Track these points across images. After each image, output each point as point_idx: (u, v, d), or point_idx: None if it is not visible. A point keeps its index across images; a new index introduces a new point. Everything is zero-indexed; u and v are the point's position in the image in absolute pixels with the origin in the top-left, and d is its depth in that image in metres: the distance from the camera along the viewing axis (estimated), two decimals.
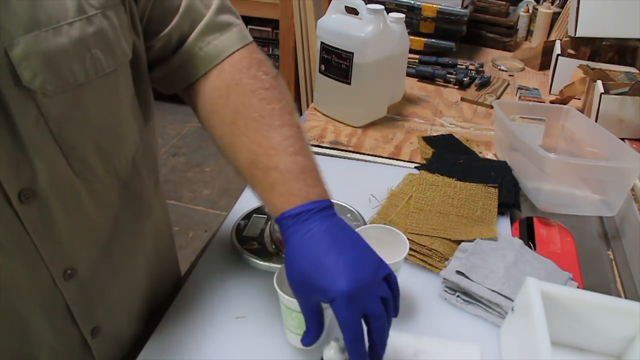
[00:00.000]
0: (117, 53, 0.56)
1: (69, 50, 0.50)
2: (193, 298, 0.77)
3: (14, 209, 0.50)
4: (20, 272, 0.54)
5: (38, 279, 0.55)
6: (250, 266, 0.81)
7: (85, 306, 0.61)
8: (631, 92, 1.19)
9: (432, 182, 0.99)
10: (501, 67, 1.65)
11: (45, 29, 0.48)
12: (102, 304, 0.64)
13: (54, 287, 0.57)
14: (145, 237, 0.71)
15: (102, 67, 0.54)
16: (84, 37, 0.51)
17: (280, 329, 0.71)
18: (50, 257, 0.55)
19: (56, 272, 0.56)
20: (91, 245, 0.60)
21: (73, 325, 0.61)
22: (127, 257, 0.67)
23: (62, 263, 0.57)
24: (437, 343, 0.70)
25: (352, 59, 1.15)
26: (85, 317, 0.62)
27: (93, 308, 0.63)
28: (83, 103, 0.53)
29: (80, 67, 0.51)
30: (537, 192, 0.97)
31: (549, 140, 1.14)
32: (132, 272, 0.69)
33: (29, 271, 0.54)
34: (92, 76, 0.53)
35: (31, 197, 0.51)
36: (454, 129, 1.27)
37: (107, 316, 0.65)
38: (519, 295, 0.70)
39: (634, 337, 0.68)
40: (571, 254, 0.90)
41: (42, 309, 0.57)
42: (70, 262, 0.58)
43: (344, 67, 1.17)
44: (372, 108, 1.26)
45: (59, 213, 0.55)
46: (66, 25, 0.50)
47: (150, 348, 0.69)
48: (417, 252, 0.84)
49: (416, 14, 1.61)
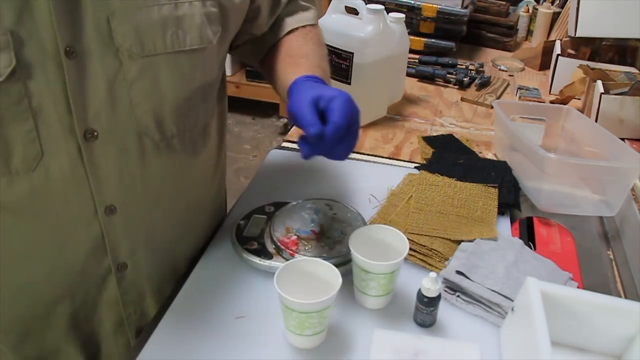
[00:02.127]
0: (197, 36, 0.66)
1: (155, 25, 0.63)
2: (193, 298, 0.77)
3: (79, 145, 0.62)
4: (71, 200, 0.65)
5: (84, 209, 0.67)
6: (250, 266, 0.81)
7: (117, 242, 0.72)
8: (631, 92, 1.19)
9: (432, 182, 0.99)
10: (501, 67, 1.65)
11: (139, 7, 0.61)
12: (131, 244, 0.73)
13: (95, 218, 0.68)
14: (190, 201, 0.80)
15: (179, 44, 0.65)
16: (168, 18, 0.63)
17: (281, 329, 0.71)
18: (98, 192, 0.66)
19: (100, 206, 0.67)
20: (135, 192, 0.70)
21: (105, 256, 0.72)
22: (165, 213, 0.76)
23: (106, 199, 0.68)
24: (437, 343, 0.70)
25: (352, 59, 1.15)
26: (116, 252, 0.72)
27: (123, 246, 0.73)
28: (156, 71, 0.64)
29: (161, 40, 0.63)
30: (537, 192, 0.97)
31: (549, 140, 1.14)
32: (167, 228, 0.77)
33: (79, 200, 0.66)
34: (170, 49, 0.64)
35: (94, 138, 0.63)
36: (454, 129, 1.27)
37: (133, 259, 0.75)
38: (519, 295, 0.70)
39: (634, 337, 0.68)
40: (571, 254, 0.90)
41: (82, 236, 0.69)
42: (112, 200, 0.68)
43: (344, 67, 1.17)
44: (372, 108, 1.26)
45: (115, 157, 0.66)
46: (157, 7, 0.63)
47: (151, 348, 0.69)
48: (417, 252, 0.84)
49: (416, 14, 1.61)
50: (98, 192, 0.67)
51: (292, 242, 0.81)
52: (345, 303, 0.75)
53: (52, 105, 0.59)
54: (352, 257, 0.74)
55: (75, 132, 0.62)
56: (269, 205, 0.91)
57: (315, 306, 0.65)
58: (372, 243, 0.76)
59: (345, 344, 0.71)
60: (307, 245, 0.81)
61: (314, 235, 0.83)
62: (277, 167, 1.07)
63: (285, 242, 0.81)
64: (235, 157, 2.85)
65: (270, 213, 0.89)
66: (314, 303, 0.65)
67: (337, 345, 0.71)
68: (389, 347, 0.69)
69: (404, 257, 0.72)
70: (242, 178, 2.66)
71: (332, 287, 0.67)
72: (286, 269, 0.69)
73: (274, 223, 0.85)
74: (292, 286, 0.66)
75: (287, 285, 0.66)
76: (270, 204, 0.91)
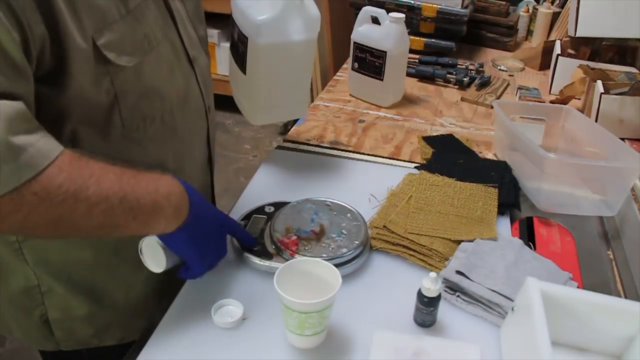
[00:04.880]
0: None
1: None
2: (193, 298, 0.77)
3: (192, 66, 0.82)
4: (194, 107, 0.84)
5: (199, 111, 0.85)
6: (250, 266, 0.81)
7: (213, 136, 0.93)
8: (631, 92, 1.19)
9: (432, 182, 0.99)
10: (501, 67, 1.64)
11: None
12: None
13: (205, 117, 0.87)
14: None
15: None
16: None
17: (281, 329, 0.71)
18: (207, 97, 0.87)
19: (207, 106, 0.87)
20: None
21: (207, 147, 0.91)
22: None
23: (208, 102, 0.88)
24: (437, 343, 0.71)
25: (247, 44, 0.95)
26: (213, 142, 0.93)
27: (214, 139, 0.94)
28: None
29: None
30: (537, 192, 0.97)
31: (549, 140, 1.14)
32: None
33: (197, 104, 0.85)
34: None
35: (197, 61, 0.84)
36: (454, 129, 1.27)
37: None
38: (519, 295, 0.70)
39: (634, 337, 0.68)
40: (571, 254, 0.90)
41: (198, 133, 0.87)
42: (210, 102, 0.89)
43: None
44: (277, 101, 1.04)
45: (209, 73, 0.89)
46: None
47: (150, 348, 0.69)
48: (417, 252, 0.84)
49: (416, 14, 1.61)
50: (206, 97, 0.87)
51: (292, 242, 0.81)
52: (345, 303, 0.75)
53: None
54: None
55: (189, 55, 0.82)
56: (269, 205, 0.91)
57: (315, 306, 0.65)
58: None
59: (345, 344, 0.71)
60: (307, 245, 0.81)
61: (314, 235, 0.83)
62: (277, 167, 1.07)
63: (285, 242, 0.81)
64: (235, 157, 2.85)
65: (270, 213, 0.89)
66: (314, 303, 0.65)
67: (337, 345, 0.71)
68: (389, 347, 0.69)
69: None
70: (242, 178, 2.66)
71: (332, 287, 0.67)
72: (286, 269, 0.69)
73: (274, 223, 0.85)
74: (292, 286, 0.66)
75: (287, 285, 0.66)
76: (270, 204, 0.91)
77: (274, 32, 0.93)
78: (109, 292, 0.83)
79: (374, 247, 0.86)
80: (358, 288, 0.80)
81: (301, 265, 0.71)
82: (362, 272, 0.82)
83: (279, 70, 0.99)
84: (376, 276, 0.82)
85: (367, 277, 0.82)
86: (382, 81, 1.30)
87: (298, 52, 0.98)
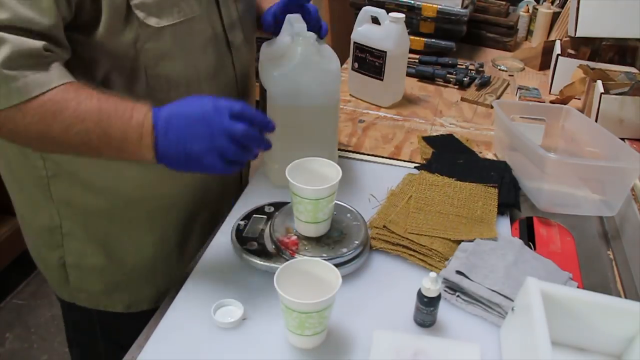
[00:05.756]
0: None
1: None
2: (193, 298, 0.77)
3: (230, 50, 0.90)
4: (225, 89, 0.91)
5: (230, 95, 0.90)
6: (250, 266, 0.81)
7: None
8: (631, 92, 1.19)
9: (432, 182, 0.99)
10: (501, 67, 1.64)
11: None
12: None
13: (235, 82, 0.93)
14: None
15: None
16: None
17: (281, 329, 0.71)
18: (241, 83, 0.94)
19: (239, 93, 0.94)
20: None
21: (236, 90, 0.94)
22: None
23: (242, 90, 0.95)
24: (437, 343, 0.71)
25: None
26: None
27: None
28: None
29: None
30: (537, 192, 0.97)
31: (549, 140, 1.14)
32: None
33: (229, 89, 0.92)
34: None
35: (236, 46, 0.91)
36: (454, 129, 1.27)
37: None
38: (519, 295, 0.70)
39: (634, 337, 0.68)
40: (571, 254, 0.90)
41: (226, 87, 0.92)
42: (246, 92, 0.97)
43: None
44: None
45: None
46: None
47: (151, 348, 0.69)
48: (417, 252, 0.84)
49: (416, 14, 1.61)
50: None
51: (292, 242, 0.81)
52: (345, 303, 0.75)
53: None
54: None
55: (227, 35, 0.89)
56: (269, 205, 0.91)
57: (315, 306, 0.65)
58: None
59: (345, 344, 0.71)
60: (307, 245, 0.81)
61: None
62: None
63: (285, 242, 0.81)
64: None
65: (270, 213, 0.89)
66: (314, 303, 0.65)
67: (337, 345, 0.71)
68: (389, 347, 0.69)
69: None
70: None
71: (332, 287, 0.67)
72: (286, 269, 0.69)
73: (274, 223, 0.85)
74: (292, 286, 0.66)
75: (287, 285, 0.66)
76: (270, 204, 0.91)
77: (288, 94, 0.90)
78: (119, 248, 0.91)
79: (374, 247, 0.86)
80: (358, 288, 0.80)
81: (301, 265, 0.71)
82: (362, 272, 0.82)
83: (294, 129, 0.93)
84: (376, 276, 0.82)
85: (367, 277, 0.82)
86: (382, 81, 1.31)
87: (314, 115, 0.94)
